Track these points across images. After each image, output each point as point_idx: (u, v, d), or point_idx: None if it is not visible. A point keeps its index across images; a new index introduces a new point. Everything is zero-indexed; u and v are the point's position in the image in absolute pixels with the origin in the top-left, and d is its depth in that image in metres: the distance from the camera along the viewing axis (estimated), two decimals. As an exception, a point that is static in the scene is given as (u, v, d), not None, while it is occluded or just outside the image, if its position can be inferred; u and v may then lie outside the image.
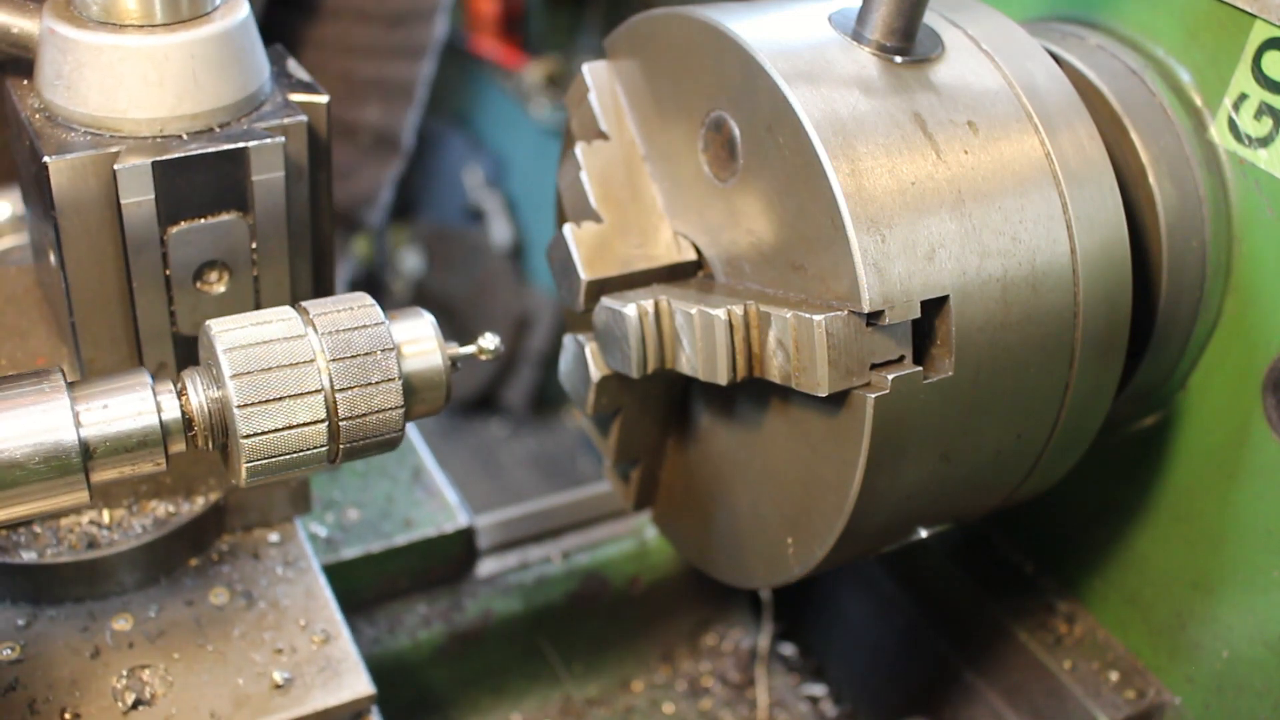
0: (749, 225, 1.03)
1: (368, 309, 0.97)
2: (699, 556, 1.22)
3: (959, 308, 0.96)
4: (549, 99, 3.56)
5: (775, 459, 1.07)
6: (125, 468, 0.92)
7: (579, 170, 1.12)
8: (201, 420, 0.93)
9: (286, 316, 0.96)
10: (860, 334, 0.94)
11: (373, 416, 0.95)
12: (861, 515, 1.00)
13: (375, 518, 1.40)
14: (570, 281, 1.10)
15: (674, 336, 1.04)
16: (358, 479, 1.45)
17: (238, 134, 0.99)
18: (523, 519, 1.49)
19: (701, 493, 1.18)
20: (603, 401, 1.13)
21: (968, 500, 1.10)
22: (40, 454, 0.88)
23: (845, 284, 0.94)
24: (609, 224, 1.10)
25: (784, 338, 0.96)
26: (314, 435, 0.93)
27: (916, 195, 0.95)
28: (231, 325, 0.94)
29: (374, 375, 0.94)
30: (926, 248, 0.95)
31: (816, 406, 1.00)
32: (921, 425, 0.98)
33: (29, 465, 0.88)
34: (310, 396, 0.92)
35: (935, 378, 0.96)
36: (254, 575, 1.14)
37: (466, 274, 3.79)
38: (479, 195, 3.78)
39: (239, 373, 0.92)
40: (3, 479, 0.88)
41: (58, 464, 0.89)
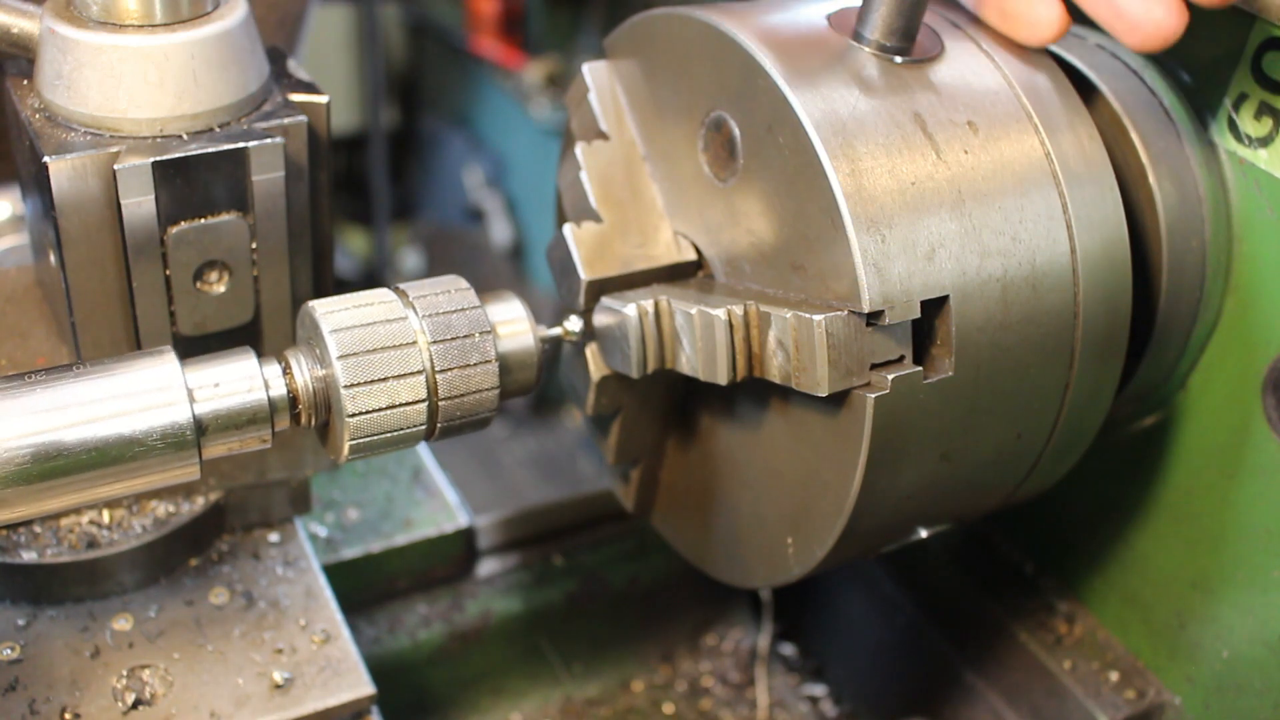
0: (749, 225, 1.03)
1: (465, 292, 1.00)
2: (699, 556, 1.22)
3: (959, 308, 0.96)
4: (549, 99, 3.56)
5: (775, 459, 1.07)
6: (234, 443, 0.94)
7: (579, 170, 1.12)
8: (306, 398, 0.96)
9: (387, 299, 0.98)
10: (860, 334, 0.94)
11: (470, 396, 0.98)
12: (861, 515, 1.00)
13: (375, 518, 1.40)
14: (570, 281, 1.10)
15: (674, 336, 1.04)
16: (357, 479, 1.45)
17: (238, 134, 0.99)
18: (523, 519, 1.49)
19: (701, 493, 1.18)
20: (603, 401, 1.13)
21: (968, 500, 1.10)
22: (157, 431, 0.90)
23: (845, 284, 0.94)
24: (609, 224, 1.10)
25: (784, 338, 0.96)
26: (414, 414, 0.96)
27: (916, 195, 0.95)
28: (335, 306, 0.97)
29: (473, 357, 0.97)
30: (926, 247, 0.95)
31: (816, 406, 1.00)
32: (921, 425, 0.97)
33: (147, 441, 0.90)
34: (413, 377, 0.95)
35: (935, 378, 0.96)
36: (254, 575, 1.14)
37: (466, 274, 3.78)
38: (479, 195, 3.79)
39: (346, 353, 0.94)
40: (121, 454, 0.89)
41: (174, 440, 0.90)
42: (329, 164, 1.08)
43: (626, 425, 1.17)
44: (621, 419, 1.16)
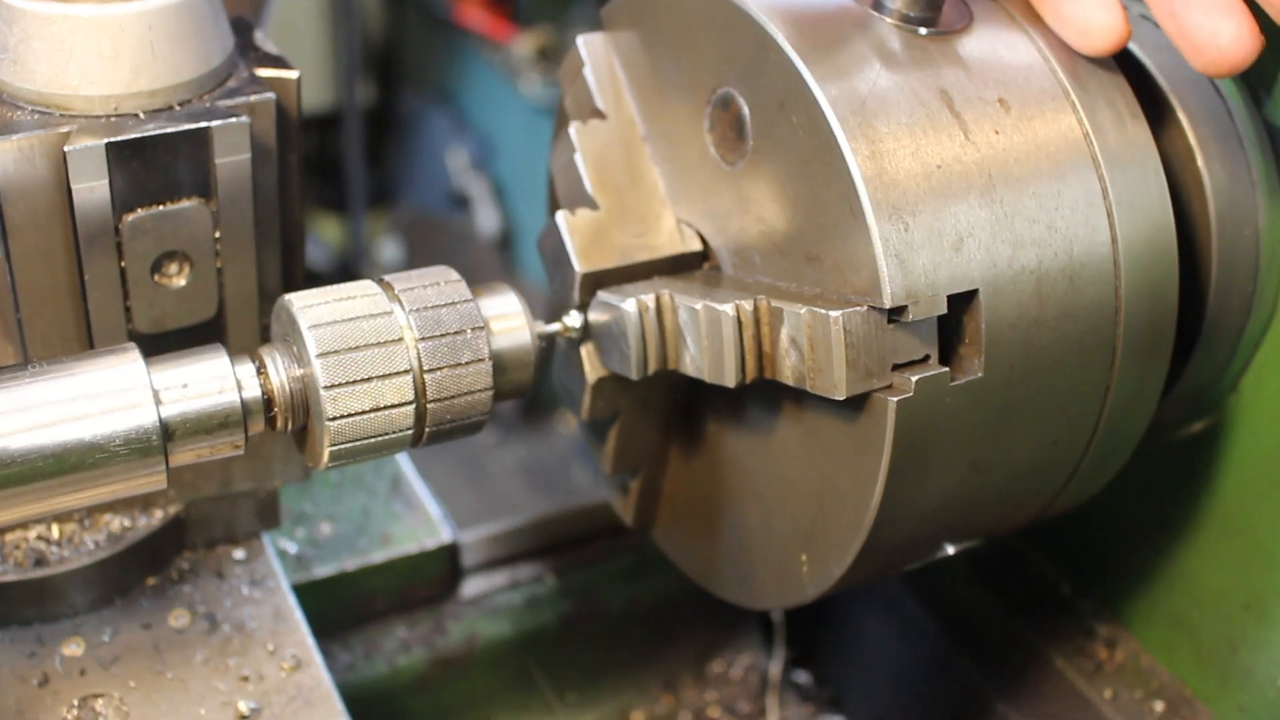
0: (759, 212, 1.03)
1: (455, 284, 1.00)
2: (704, 575, 1.22)
3: (989, 302, 0.96)
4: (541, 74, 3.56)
5: (788, 468, 1.07)
6: (204, 449, 0.94)
7: (573, 152, 1.12)
8: (282, 400, 0.96)
9: (371, 292, 0.98)
10: (881, 331, 0.94)
11: (462, 399, 0.98)
12: (882, 530, 1.00)
13: (350, 532, 1.40)
14: (563, 274, 1.10)
15: (677, 334, 1.04)
16: (331, 490, 1.45)
17: (199, 113, 0.99)
18: (512, 534, 1.49)
19: (707, 505, 1.18)
20: (599, 405, 1.13)
21: (999, 513, 1.09)
22: (120, 435, 0.90)
23: (864, 276, 0.94)
24: (606, 211, 1.10)
25: (798, 335, 0.96)
26: (400, 418, 0.96)
27: (943, 179, 0.95)
28: (314, 300, 0.97)
29: (464, 355, 0.98)
30: (954, 237, 0.95)
31: (833, 411, 1.00)
32: (948, 431, 0.97)
33: (109, 447, 0.90)
34: (399, 377, 0.96)
35: (963, 379, 0.96)
36: (217, 596, 1.14)
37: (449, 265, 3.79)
38: (463, 179, 3.79)
39: (326, 351, 0.94)
40: (81, 461, 0.89)
41: (139, 445, 0.90)
42: (299, 145, 1.08)
43: (625, 431, 1.17)
44: (619, 425, 1.16)
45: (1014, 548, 1.40)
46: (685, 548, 1.24)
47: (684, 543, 1.24)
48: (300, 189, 1.09)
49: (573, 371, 1.13)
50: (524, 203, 3.73)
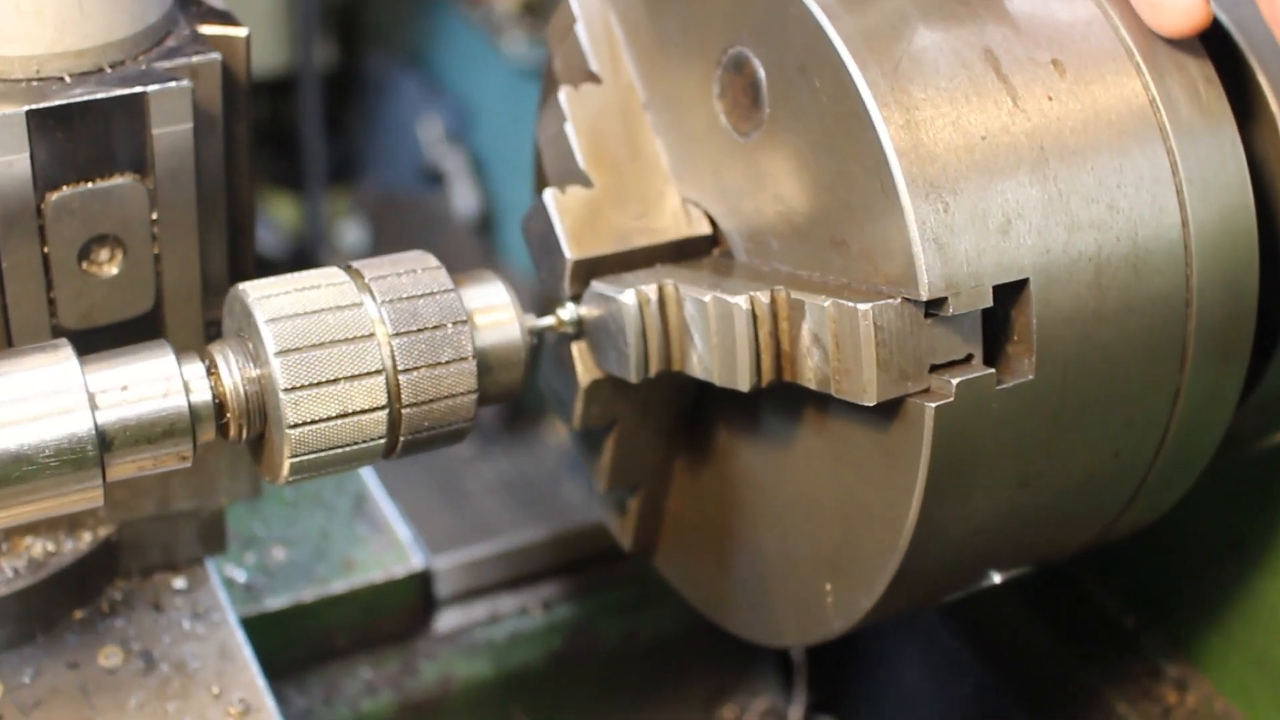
0: (776, 190, 1.03)
1: (434, 272, 1.00)
2: (714, 606, 1.22)
3: (1041, 294, 0.96)
4: (526, 32, 3.56)
5: (810, 485, 1.07)
6: (146, 460, 0.94)
7: (563, 121, 1.12)
8: (236, 404, 0.96)
9: (338, 280, 0.98)
10: (917, 327, 0.94)
11: (441, 403, 0.98)
12: (919, 555, 1.00)
13: (307, 558, 1.40)
14: (552, 261, 1.10)
15: (682, 330, 1.04)
16: (285, 509, 1.45)
17: (134, 76, 0.99)
18: (492, 560, 1.49)
19: (717, 527, 1.18)
20: (593, 412, 1.13)
21: (1052, 536, 1.09)
22: (51, 445, 0.90)
23: (898, 264, 0.94)
24: (601, 189, 1.10)
25: (821, 332, 0.96)
26: (371, 425, 0.96)
27: (988, 153, 0.95)
28: (272, 290, 0.97)
29: (444, 353, 0.98)
30: (1000, 218, 0.95)
31: (862, 419, 1.00)
32: (994, 441, 0.97)
33: (37, 459, 0.89)
34: (370, 379, 0.96)
35: (1011, 382, 0.96)
36: (155, 631, 1.14)
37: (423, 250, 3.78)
38: (437, 153, 3.78)
39: (286, 348, 0.94)
40: (5, 475, 0.89)
41: (72, 456, 0.90)
42: (248, 114, 1.07)
43: (622, 442, 1.17)
44: (616, 434, 1.16)
45: (1070, 575, 1.40)
46: (692, 575, 1.24)
47: (691, 570, 1.24)
48: (250, 163, 1.09)
49: (562, 373, 1.13)
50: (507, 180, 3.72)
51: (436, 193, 3.80)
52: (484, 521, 2.92)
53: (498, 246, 3.70)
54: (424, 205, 3.85)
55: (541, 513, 2.97)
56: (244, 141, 1.08)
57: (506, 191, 3.73)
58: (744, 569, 1.16)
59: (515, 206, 3.62)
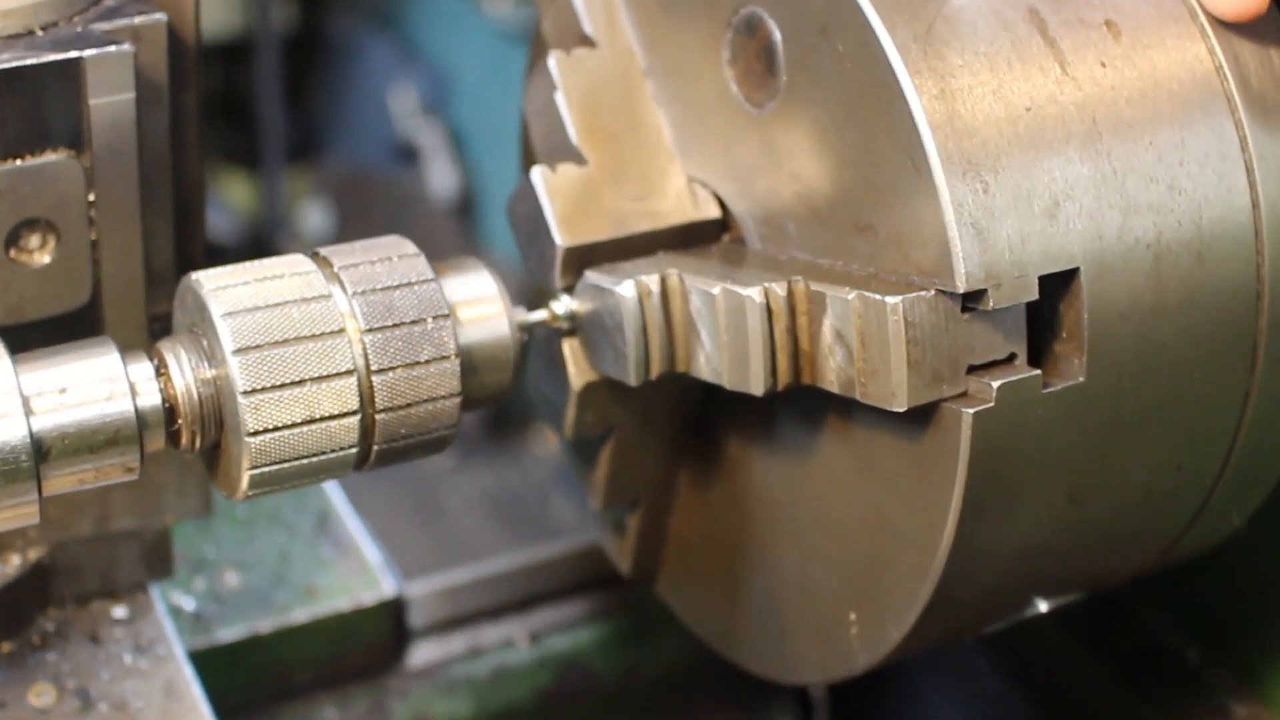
0: (794, 168, 1.03)
1: (411, 260, 1.00)
2: (723, 638, 1.22)
3: (1093, 285, 0.96)
4: (511, -11, 3.56)
5: (832, 502, 1.07)
6: (87, 472, 0.94)
7: (554, 91, 1.12)
8: (188, 409, 0.96)
9: (303, 269, 0.99)
10: (953, 323, 0.94)
11: (420, 407, 0.98)
12: (955, 580, 1.00)
13: (264, 584, 1.40)
14: (541, 248, 1.10)
15: (688, 326, 1.04)
16: (239, 528, 1.45)
17: (68, 39, 0.99)
18: (474, 586, 1.49)
19: (727, 549, 1.18)
20: (587, 419, 1.13)
21: (1106, 559, 1.09)
22: None
23: (931, 251, 0.94)
24: (596, 167, 1.10)
25: (844, 328, 0.96)
26: (341, 432, 0.97)
27: (1033, 126, 0.95)
28: (230, 280, 0.97)
29: (423, 351, 0.98)
30: (1047, 200, 0.95)
31: (891, 427, 1.00)
32: (1040, 452, 0.97)
33: None
34: (339, 380, 0.96)
35: (1059, 385, 0.96)
36: (91, 666, 1.14)
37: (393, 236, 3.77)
38: (411, 126, 3.78)
39: (246, 346, 0.94)
40: None
41: (4, 468, 0.90)
42: (198, 82, 1.07)
43: (621, 453, 1.17)
44: (613, 444, 1.16)
45: (1125, 604, 1.40)
46: (699, 604, 1.24)
47: (697, 597, 1.24)
48: (200, 138, 1.09)
49: (553, 374, 1.13)
50: (490, 157, 3.72)
51: (410, 171, 3.79)
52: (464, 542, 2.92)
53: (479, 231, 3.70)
54: (396, 185, 3.85)
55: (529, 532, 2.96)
56: (193, 113, 1.08)
57: (489, 170, 3.73)
58: (757, 596, 1.16)
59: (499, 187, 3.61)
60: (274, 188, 3.89)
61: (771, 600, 1.15)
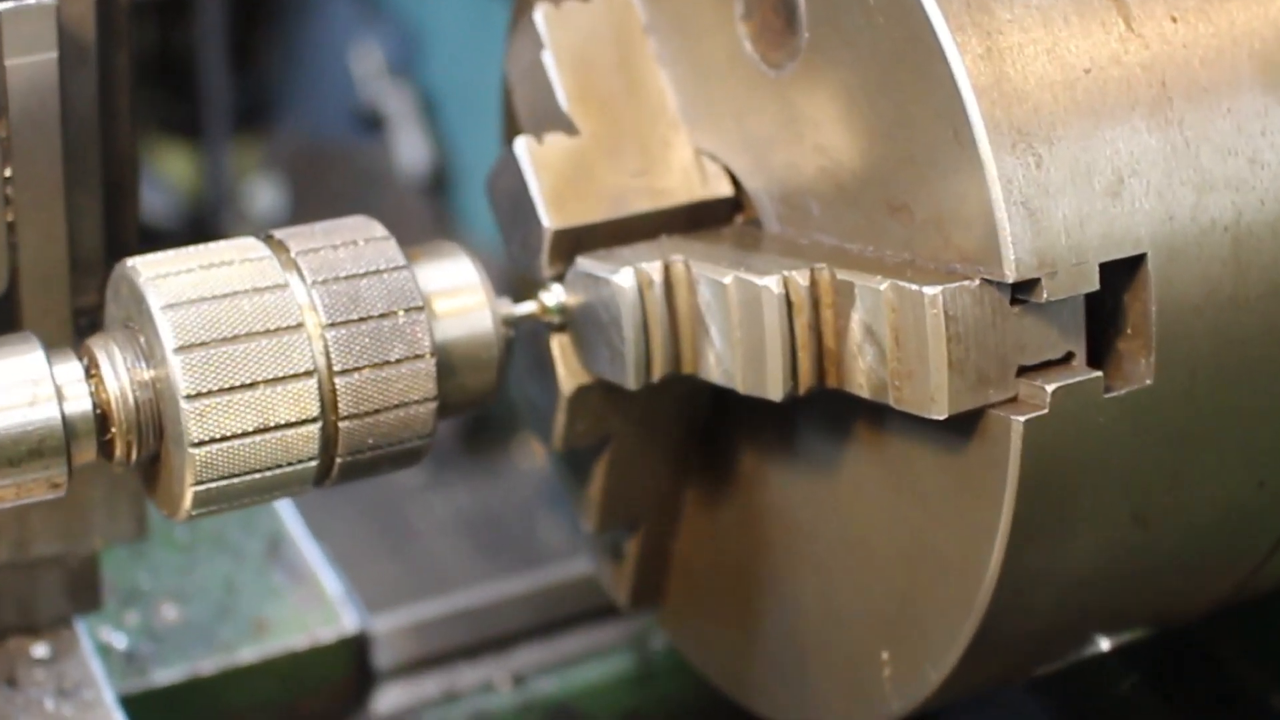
0: (818, 139, 1.03)
1: (380, 244, 1.01)
2: (735, 680, 1.22)
3: (1163, 273, 0.96)
4: (490, -67, 3.56)
5: (862, 524, 1.07)
6: (6, 489, 0.94)
7: (540, 50, 1.12)
8: (123, 416, 0.96)
9: (255, 254, 0.99)
10: (1001, 317, 0.94)
11: (390, 414, 0.99)
12: (1003, 614, 1.00)
13: (207, 618, 1.40)
14: (526, 231, 1.10)
15: (695, 322, 1.04)
16: (178, 555, 1.44)
17: (-20, -10, 0.99)
18: (448, 620, 1.49)
19: (740, 578, 1.18)
20: (579, 427, 1.13)
21: (1177, 589, 1.09)
22: None
23: (976, 235, 0.94)
24: (590, 137, 1.10)
25: (876, 323, 0.96)
26: (300, 443, 0.97)
27: (1093, 90, 0.95)
28: (171, 267, 0.97)
29: (394, 349, 0.98)
30: (1109, 176, 0.94)
31: (929, 437, 1.00)
32: (1101, 466, 0.97)
33: None
34: (297, 382, 0.96)
35: (1124, 389, 0.96)
36: (8, 712, 1.13)
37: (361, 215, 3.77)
38: (376, 90, 3.78)
39: (189, 343, 0.94)
40: None
41: None
42: (131, 40, 1.07)
43: (618, 467, 1.17)
44: (610, 457, 1.16)
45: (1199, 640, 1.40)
46: (707, 640, 1.24)
47: (705, 633, 1.24)
48: (133, 104, 1.09)
49: (540, 376, 1.13)
50: (466, 125, 3.72)
51: (375, 142, 3.79)
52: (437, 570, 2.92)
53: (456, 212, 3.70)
54: (359, 158, 3.85)
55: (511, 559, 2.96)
56: (124, 75, 1.07)
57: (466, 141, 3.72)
58: (775, 632, 1.16)
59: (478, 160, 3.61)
60: (218, 161, 3.89)
61: (791, 637, 1.15)
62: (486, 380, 1.05)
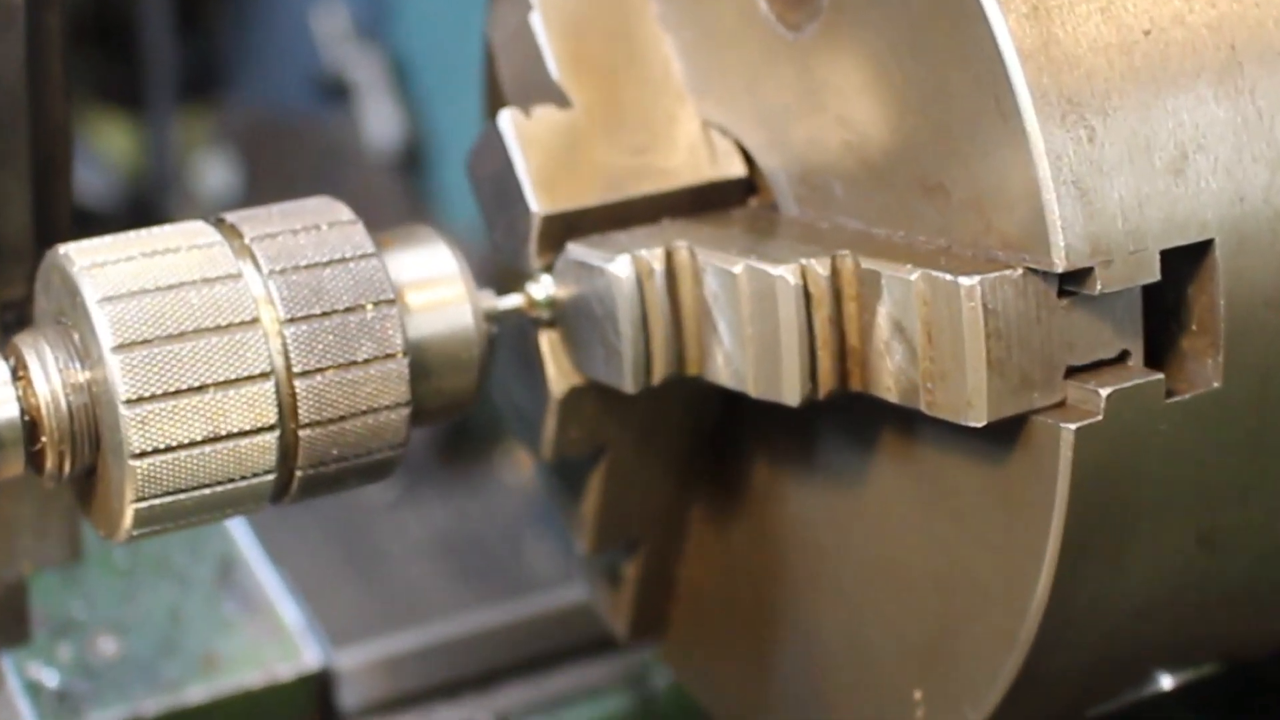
0: (842, 110, 1.03)
1: (345, 228, 1.01)
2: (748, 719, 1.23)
3: (1232, 262, 0.96)
4: (470, -122, 3.57)
5: (890, 545, 1.07)
6: None
7: (529, 10, 1.12)
8: (55, 424, 0.96)
9: (204, 240, 0.99)
10: (1048, 311, 0.94)
11: (357, 421, 0.99)
12: (1051, 649, 1.00)
13: (150, 652, 1.40)
14: (512, 216, 1.10)
15: (701, 316, 1.04)
16: (118, 580, 1.44)
17: (-107, -58, 0.99)
18: (422, 655, 1.49)
19: (753, 606, 1.18)
20: (571, 436, 1.13)
21: (1247, 620, 1.09)
22: None
23: (1020, 218, 0.94)
24: (584, 110, 1.10)
25: (905, 318, 0.96)
26: (254, 454, 0.97)
27: (1154, 55, 0.95)
28: (106, 255, 0.97)
29: (362, 348, 0.98)
30: (1172, 152, 0.94)
31: (966, 448, 1.00)
32: (1163, 481, 0.97)
33: None
34: (252, 385, 0.96)
35: (1189, 393, 0.96)
36: (-75, 759, 1.14)
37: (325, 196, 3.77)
38: (341, 55, 3.78)
39: (130, 341, 0.94)
40: None
41: None
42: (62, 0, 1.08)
43: (615, 481, 1.17)
44: (606, 469, 1.16)
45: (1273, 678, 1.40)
46: (717, 676, 1.24)
47: (715, 668, 1.24)
48: (65, 71, 1.09)
49: (527, 378, 1.13)
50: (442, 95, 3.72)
51: (340, 114, 3.79)
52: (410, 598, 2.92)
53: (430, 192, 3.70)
54: (322, 132, 3.85)
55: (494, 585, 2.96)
56: (56, 38, 1.07)
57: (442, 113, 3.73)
58: (793, 667, 1.16)
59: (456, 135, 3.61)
60: (163, 135, 3.89)
61: (811, 673, 1.15)
62: (466, 383, 1.05)
